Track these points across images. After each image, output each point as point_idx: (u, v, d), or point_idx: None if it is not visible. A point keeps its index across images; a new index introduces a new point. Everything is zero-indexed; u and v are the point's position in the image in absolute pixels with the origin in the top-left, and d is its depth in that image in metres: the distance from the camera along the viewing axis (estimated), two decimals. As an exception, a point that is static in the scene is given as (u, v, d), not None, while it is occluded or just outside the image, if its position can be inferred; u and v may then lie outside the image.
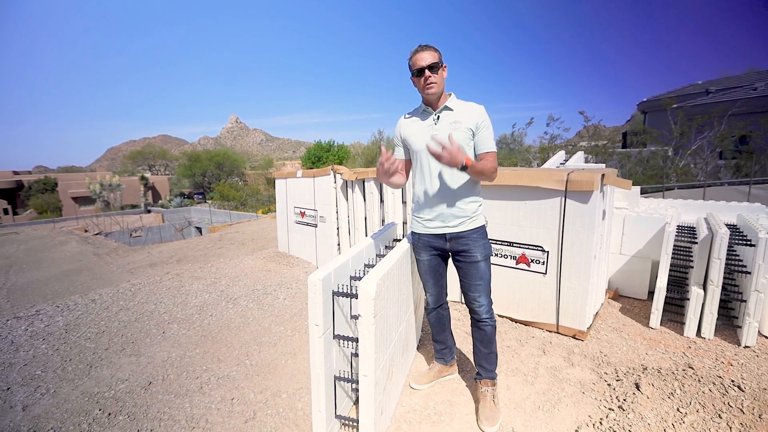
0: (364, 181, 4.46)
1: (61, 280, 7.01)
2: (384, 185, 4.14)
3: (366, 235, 4.46)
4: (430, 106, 1.91)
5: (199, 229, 17.89)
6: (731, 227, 3.36)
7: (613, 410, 1.96)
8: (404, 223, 4.10)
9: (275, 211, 6.40)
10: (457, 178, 1.87)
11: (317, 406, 1.74)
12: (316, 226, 5.18)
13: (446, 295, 2.19)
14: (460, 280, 1.99)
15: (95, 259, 8.46)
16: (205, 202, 33.36)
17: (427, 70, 1.79)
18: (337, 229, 4.90)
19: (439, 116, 1.87)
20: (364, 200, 4.51)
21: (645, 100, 17.72)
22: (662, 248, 2.95)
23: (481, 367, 2.03)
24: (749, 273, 2.63)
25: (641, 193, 5.73)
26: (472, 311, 1.98)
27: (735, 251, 3.07)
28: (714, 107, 12.38)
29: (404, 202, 4.07)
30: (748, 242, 2.79)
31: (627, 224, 3.56)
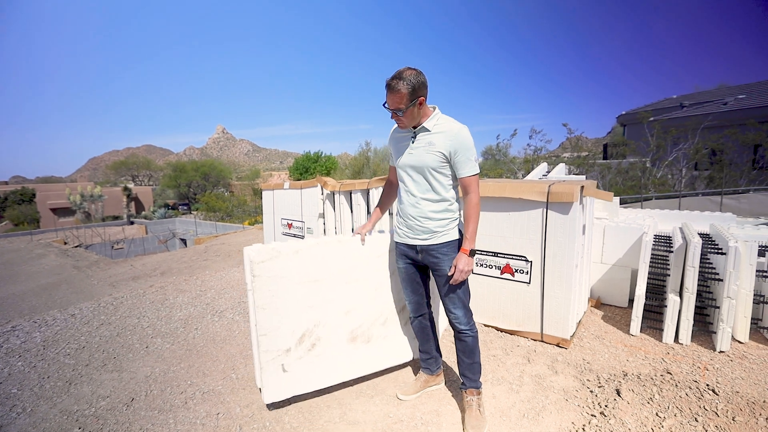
0: (351, 193, 4.50)
1: (39, 294, 6.78)
2: (371, 197, 4.18)
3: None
4: None
5: (184, 241, 17.57)
6: (704, 236, 3.50)
7: (595, 416, 2.00)
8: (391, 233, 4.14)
9: (262, 222, 6.37)
10: (426, 195, 1.90)
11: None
12: (303, 237, 5.17)
13: (428, 305, 2.21)
14: (438, 291, 2.03)
15: (75, 273, 8.22)
16: (191, 213, 32.84)
17: (393, 113, 1.82)
18: (325, 240, 4.92)
19: (416, 135, 1.89)
20: (351, 212, 4.54)
21: (624, 113, 18.36)
22: (640, 257, 3.05)
23: (465, 377, 2.06)
24: (721, 280, 2.75)
25: (621, 204, 5.91)
26: (450, 322, 2.03)
27: (708, 259, 3.20)
28: (688, 120, 12.92)
29: (391, 214, 4.12)
30: (720, 251, 2.92)
31: (607, 234, 3.67)
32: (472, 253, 1.85)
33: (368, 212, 4.28)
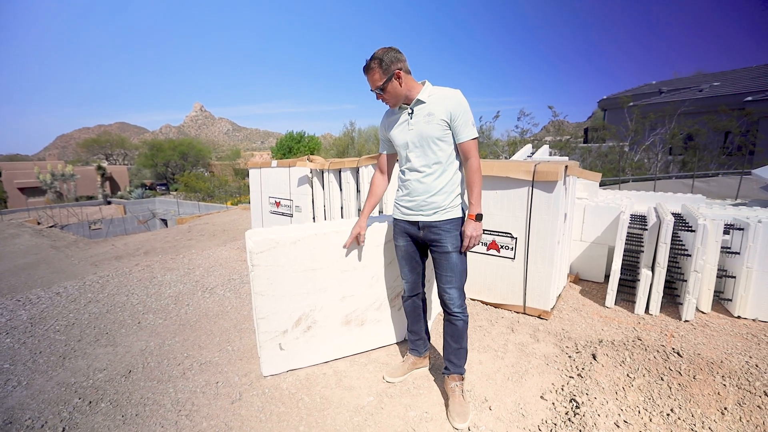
0: (340, 171, 4.52)
1: (17, 274, 6.60)
2: (360, 175, 4.22)
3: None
4: (404, 102, 1.91)
5: (165, 221, 17.20)
6: (676, 215, 3.71)
7: (573, 378, 2.18)
8: (380, 212, 4.21)
9: (245, 202, 6.31)
10: (431, 170, 1.88)
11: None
12: (291, 215, 5.18)
13: (423, 285, 2.21)
14: (434, 270, 2.00)
15: (53, 252, 7.98)
16: (169, 193, 32.00)
17: (377, 95, 1.87)
18: (314, 218, 4.95)
19: (413, 110, 1.89)
20: (341, 190, 4.58)
21: (605, 97, 18.69)
22: (617, 235, 3.23)
23: (450, 362, 2.02)
24: (690, 255, 2.95)
25: (600, 185, 6.13)
26: (442, 303, 1.98)
27: (679, 237, 3.41)
28: (665, 106, 13.29)
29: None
30: (690, 228, 3.12)
31: (587, 213, 3.84)
32: (479, 217, 1.86)
33: (357, 190, 4.32)
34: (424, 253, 2.15)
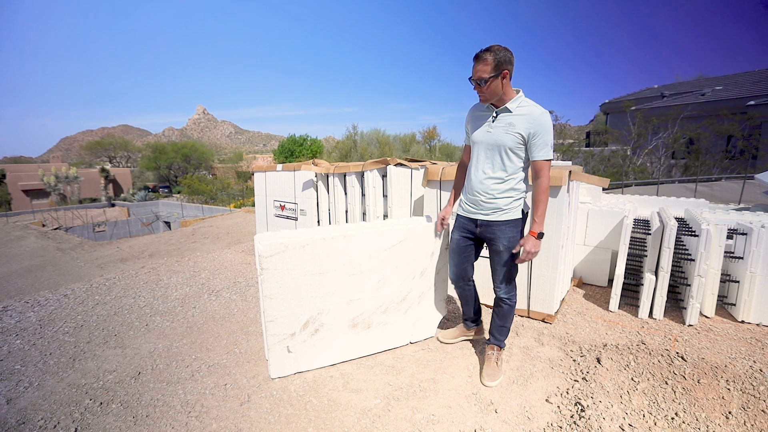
0: (345, 175, 4.56)
1: (24, 276, 6.65)
2: (365, 180, 4.25)
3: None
4: (493, 102, 1.97)
5: (168, 224, 17.28)
6: (679, 220, 3.73)
7: (577, 381, 2.20)
8: (385, 215, 4.24)
9: (248, 205, 6.35)
10: (496, 174, 1.99)
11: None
12: (296, 219, 5.22)
13: (470, 279, 2.38)
14: (489, 262, 2.22)
15: (59, 255, 8.04)
16: (172, 195, 32.16)
17: (475, 84, 1.91)
18: (318, 222, 4.98)
19: (497, 115, 1.96)
20: (345, 194, 4.61)
21: (607, 101, 18.73)
22: (621, 239, 3.25)
23: (492, 335, 2.32)
24: (693, 260, 2.97)
25: (603, 190, 6.15)
26: (493, 289, 2.25)
27: (682, 241, 3.43)
28: (668, 110, 13.32)
29: (385, 196, 4.21)
30: (693, 233, 3.13)
31: (590, 217, 3.86)
32: (540, 235, 1.94)
33: (362, 194, 4.36)
34: (477, 250, 2.30)
